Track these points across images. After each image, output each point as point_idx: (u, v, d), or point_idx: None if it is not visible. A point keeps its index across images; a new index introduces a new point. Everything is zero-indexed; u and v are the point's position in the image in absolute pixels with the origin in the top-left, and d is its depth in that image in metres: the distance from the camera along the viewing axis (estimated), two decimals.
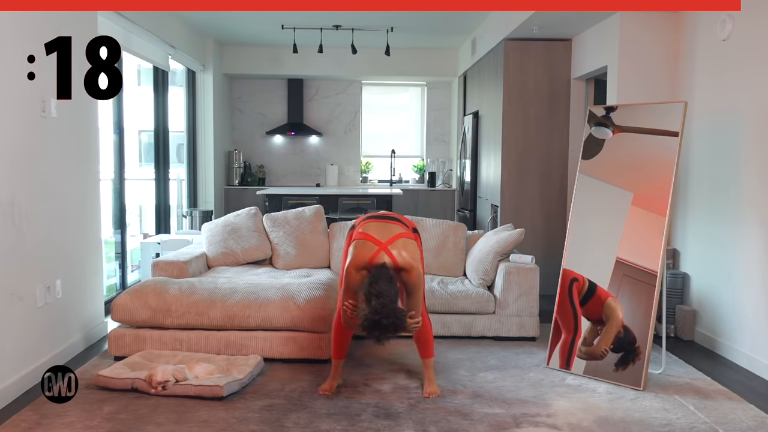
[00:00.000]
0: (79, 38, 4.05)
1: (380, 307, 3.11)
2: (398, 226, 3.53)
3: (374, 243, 3.36)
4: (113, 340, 4.08)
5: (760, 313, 4.05)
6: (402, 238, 3.42)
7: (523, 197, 6.51)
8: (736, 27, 4.34)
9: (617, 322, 3.85)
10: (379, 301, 3.13)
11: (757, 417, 3.33)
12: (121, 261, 6.22)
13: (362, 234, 3.44)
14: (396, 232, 3.43)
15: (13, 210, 3.50)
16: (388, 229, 3.46)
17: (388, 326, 3.12)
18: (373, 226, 3.48)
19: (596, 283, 3.96)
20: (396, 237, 3.40)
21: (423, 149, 10.21)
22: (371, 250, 3.34)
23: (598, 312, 3.94)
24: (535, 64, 6.42)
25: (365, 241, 3.39)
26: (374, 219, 3.57)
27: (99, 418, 3.20)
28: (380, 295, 3.14)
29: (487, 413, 3.33)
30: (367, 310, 3.15)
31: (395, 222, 3.57)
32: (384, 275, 3.23)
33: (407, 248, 3.39)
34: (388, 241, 3.37)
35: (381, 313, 3.10)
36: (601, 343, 3.89)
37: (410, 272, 3.36)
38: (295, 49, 7.90)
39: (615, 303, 3.88)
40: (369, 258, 3.32)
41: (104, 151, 5.32)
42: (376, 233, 3.42)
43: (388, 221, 3.56)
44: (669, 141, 3.91)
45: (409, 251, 3.38)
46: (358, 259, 3.34)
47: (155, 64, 6.80)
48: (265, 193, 7.60)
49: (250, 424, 3.17)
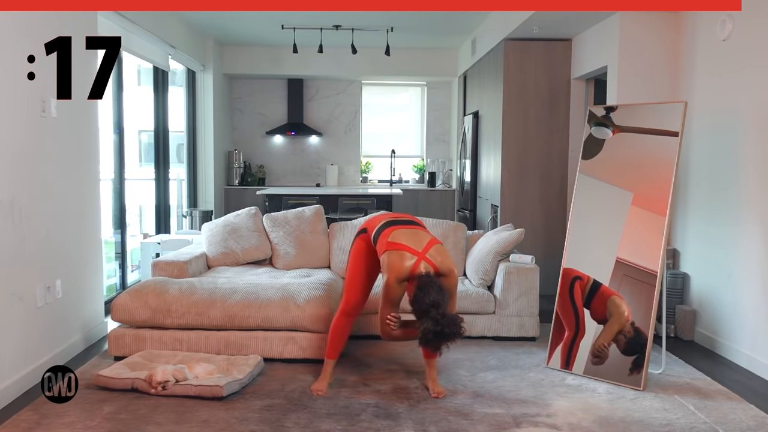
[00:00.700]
0: (79, 38, 4.05)
1: (441, 317, 3.13)
2: (424, 231, 3.53)
3: (412, 253, 3.35)
4: (113, 340, 4.08)
5: (760, 313, 4.06)
6: (435, 244, 3.42)
7: (523, 197, 6.51)
8: (736, 27, 4.34)
9: (621, 319, 3.83)
10: (438, 311, 3.15)
11: (757, 417, 3.33)
12: (121, 261, 6.22)
13: (395, 244, 3.39)
14: (427, 239, 3.44)
15: (13, 210, 3.50)
16: (418, 236, 3.45)
17: (451, 335, 3.16)
18: (403, 234, 3.44)
19: (600, 282, 3.94)
20: (430, 244, 3.40)
21: (423, 149, 10.21)
22: (411, 261, 3.33)
23: (602, 310, 3.92)
24: (535, 64, 6.41)
25: (401, 251, 3.36)
26: (399, 226, 3.52)
27: (99, 418, 3.20)
28: (437, 306, 3.17)
29: (487, 413, 3.33)
30: (427, 323, 3.15)
31: (419, 227, 3.57)
32: (433, 285, 3.23)
33: (442, 253, 3.40)
34: (425, 249, 3.37)
35: (442, 324, 3.12)
36: (600, 338, 3.87)
37: (449, 277, 3.38)
38: (295, 49, 7.90)
39: (620, 300, 3.86)
40: (411, 269, 3.32)
41: (104, 151, 5.32)
42: (408, 242, 3.40)
43: (413, 227, 3.54)
44: (669, 141, 3.91)
45: (444, 256, 3.40)
46: (400, 271, 3.32)
47: (155, 64, 6.81)
48: (265, 193, 7.60)
49: (250, 424, 3.17)
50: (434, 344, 3.20)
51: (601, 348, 3.84)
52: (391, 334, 3.44)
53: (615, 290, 3.91)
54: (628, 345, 3.79)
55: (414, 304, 3.24)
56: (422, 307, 3.19)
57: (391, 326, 3.38)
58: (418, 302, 3.21)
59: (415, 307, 3.23)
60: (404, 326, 3.41)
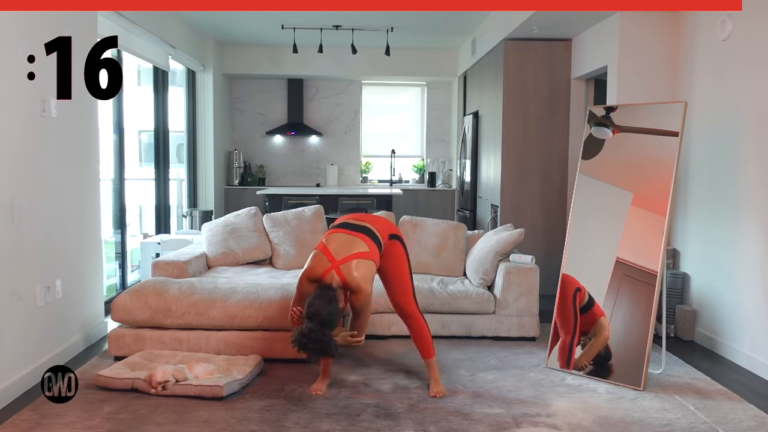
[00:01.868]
0: (79, 38, 4.05)
1: (308, 332, 3.20)
2: (363, 242, 3.46)
3: (328, 259, 3.38)
4: (113, 340, 4.08)
5: (760, 313, 4.05)
6: (357, 258, 3.38)
7: (523, 197, 6.51)
8: (736, 27, 4.34)
9: (602, 340, 3.89)
10: (309, 325, 3.22)
11: (757, 417, 3.33)
12: (121, 261, 6.22)
13: (322, 245, 3.45)
14: (355, 251, 3.40)
15: (13, 210, 3.50)
16: (350, 245, 3.43)
17: (313, 350, 3.23)
18: (336, 239, 3.46)
19: (594, 299, 3.98)
20: (352, 257, 3.38)
21: (423, 149, 10.21)
22: (324, 266, 3.37)
23: (589, 326, 3.97)
24: (535, 64, 6.41)
25: (322, 254, 3.41)
26: (343, 230, 3.54)
27: (99, 418, 3.20)
28: (313, 318, 3.22)
29: (487, 413, 3.33)
30: (296, 331, 3.25)
31: (363, 236, 3.50)
32: (325, 296, 3.28)
33: (360, 269, 3.37)
34: (343, 260, 3.36)
35: (308, 337, 3.20)
36: (583, 358, 3.94)
37: (357, 294, 3.38)
38: (295, 49, 7.90)
39: (605, 322, 3.91)
40: (321, 273, 3.36)
41: (104, 151, 5.32)
42: (335, 247, 3.41)
43: (355, 233, 3.50)
44: (669, 141, 3.91)
45: (361, 273, 3.36)
46: (311, 271, 3.39)
47: (155, 64, 6.80)
48: (265, 193, 7.60)
49: (250, 424, 3.17)
50: (298, 348, 3.25)
51: (583, 366, 3.92)
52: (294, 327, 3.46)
53: (615, 291, 3.91)
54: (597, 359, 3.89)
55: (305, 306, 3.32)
56: (306, 312, 3.27)
57: (295, 318, 3.45)
58: (306, 306, 3.29)
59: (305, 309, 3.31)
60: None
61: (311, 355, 3.27)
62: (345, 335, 3.40)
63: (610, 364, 3.82)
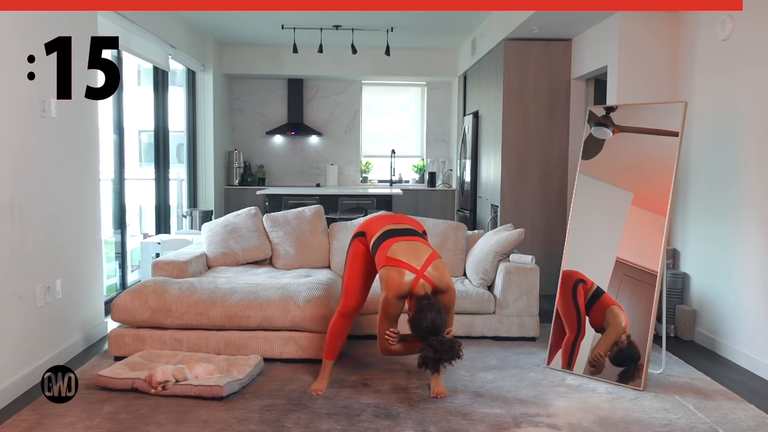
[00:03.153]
0: (79, 38, 4.05)
1: (439, 345, 3.19)
2: (422, 243, 3.50)
3: (410, 270, 3.33)
4: (113, 340, 4.08)
5: (760, 313, 4.05)
6: (434, 260, 3.40)
7: (523, 197, 6.51)
8: (736, 27, 4.34)
9: (618, 330, 3.82)
10: (436, 338, 3.20)
11: (757, 417, 3.33)
12: (121, 261, 6.22)
13: (394, 261, 3.37)
14: (427, 254, 3.41)
15: (13, 210, 3.50)
16: (417, 251, 3.42)
17: (449, 360, 3.24)
18: (402, 249, 3.41)
19: (604, 290, 3.93)
20: (429, 260, 3.38)
21: (423, 149, 10.21)
22: (410, 279, 3.32)
23: (601, 319, 3.91)
24: (535, 64, 6.42)
25: (399, 269, 3.34)
26: (399, 238, 3.48)
27: (99, 418, 3.20)
28: (435, 330, 3.21)
29: (487, 413, 3.33)
30: (427, 351, 3.21)
31: (417, 238, 3.53)
32: (431, 308, 3.25)
33: (439, 269, 3.39)
34: (423, 266, 3.35)
35: (441, 351, 3.19)
36: (597, 348, 3.87)
37: (447, 292, 3.38)
38: (295, 49, 7.90)
39: (618, 310, 3.85)
40: (409, 287, 3.32)
41: (104, 151, 5.32)
42: (407, 258, 3.37)
43: (411, 238, 3.50)
44: (669, 141, 3.91)
45: (442, 272, 3.38)
46: (399, 288, 3.32)
47: (155, 64, 6.80)
48: (265, 193, 7.60)
49: (250, 424, 3.17)
50: (433, 368, 3.27)
51: (598, 357, 3.85)
52: (390, 350, 3.47)
53: (615, 290, 3.91)
54: (619, 355, 3.80)
55: (412, 326, 3.28)
56: (420, 330, 3.24)
57: (390, 341, 3.40)
58: (417, 324, 3.25)
59: (413, 329, 3.28)
60: (403, 341, 3.45)
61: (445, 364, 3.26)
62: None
63: (640, 365, 3.70)
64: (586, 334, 3.95)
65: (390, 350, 3.47)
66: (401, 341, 3.44)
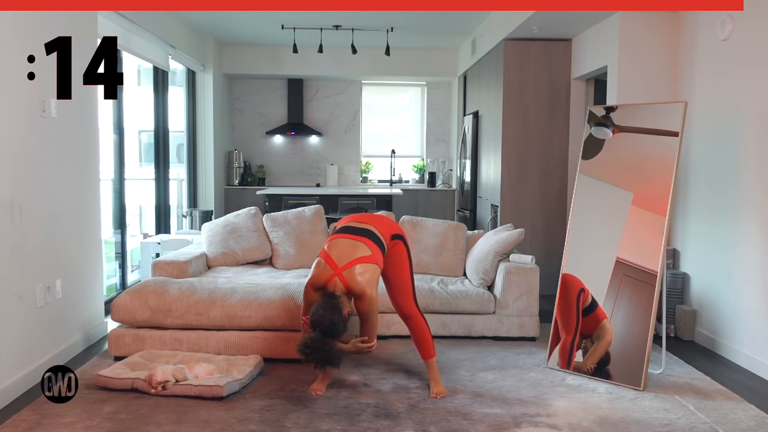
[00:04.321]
0: (79, 38, 4.05)
1: (311, 341, 3.22)
2: (366, 246, 3.44)
3: (331, 266, 3.36)
4: (113, 340, 4.08)
5: (760, 313, 4.05)
6: (361, 263, 3.36)
7: (523, 197, 6.51)
8: (737, 27, 4.34)
9: (606, 344, 3.87)
10: (312, 334, 3.24)
11: (757, 417, 3.33)
12: (121, 261, 6.22)
13: (324, 253, 3.43)
14: (357, 255, 3.38)
15: (13, 210, 3.50)
16: (352, 250, 3.40)
17: (316, 360, 3.25)
18: (338, 245, 3.44)
19: (597, 302, 3.96)
20: (354, 262, 3.36)
21: (423, 149, 10.21)
22: (327, 273, 3.36)
23: (592, 329, 3.96)
24: (535, 64, 6.41)
25: (324, 261, 3.39)
26: (345, 235, 3.51)
27: (99, 418, 3.20)
28: (316, 327, 3.24)
29: (487, 413, 3.33)
30: (301, 341, 3.26)
31: (365, 239, 3.47)
32: (328, 305, 3.28)
33: (363, 274, 3.35)
34: (345, 266, 3.34)
35: (311, 347, 3.22)
36: (587, 360, 3.92)
37: (361, 299, 3.37)
38: (295, 49, 7.90)
39: (608, 325, 3.89)
40: (325, 281, 3.36)
41: (104, 151, 5.32)
42: (337, 254, 3.39)
43: (357, 237, 3.47)
44: (669, 141, 3.91)
45: (365, 277, 3.35)
46: (315, 279, 3.39)
47: (155, 64, 6.80)
48: (265, 193, 7.60)
49: (250, 424, 3.17)
50: (303, 359, 3.27)
51: (587, 370, 3.90)
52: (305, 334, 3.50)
53: (615, 290, 3.91)
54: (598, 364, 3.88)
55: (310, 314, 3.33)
56: (310, 321, 3.29)
57: (305, 328, 3.43)
58: (311, 314, 3.30)
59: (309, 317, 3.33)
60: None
61: (315, 364, 3.28)
62: (355, 342, 3.41)
63: (608, 369, 3.82)
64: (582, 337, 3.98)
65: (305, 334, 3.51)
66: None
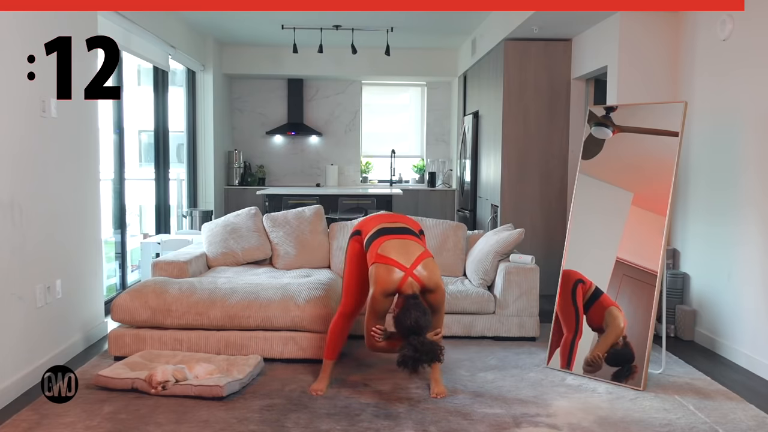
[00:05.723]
0: (79, 38, 4.05)
1: (420, 345, 3.17)
2: (415, 242, 3.48)
3: (399, 268, 3.32)
4: (113, 340, 4.08)
5: (760, 313, 4.05)
6: (425, 258, 3.39)
7: (523, 197, 6.51)
8: (737, 27, 4.34)
9: (617, 331, 3.83)
10: (417, 339, 3.18)
11: (757, 417, 3.33)
12: (121, 261, 6.22)
13: (383, 258, 3.36)
14: (418, 253, 3.40)
15: (13, 210, 3.50)
16: (408, 249, 3.41)
17: (429, 361, 3.21)
18: (392, 247, 3.40)
19: (602, 290, 3.94)
20: (419, 258, 3.37)
21: (423, 149, 10.21)
22: (398, 277, 3.31)
23: (599, 320, 3.92)
24: (535, 64, 6.41)
25: (388, 266, 3.33)
26: (391, 236, 3.47)
27: (99, 418, 3.20)
28: (418, 329, 3.19)
29: (487, 413, 3.33)
30: (406, 349, 3.19)
31: (410, 236, 3.51)
32: (417, 307, 3.24)
33: (430, 268, 3.37)
34: (413, 265, 3.34)
35: (421, 351, 3.16)
36: (596, 349, 3.88)
37: (436, 292, 3.37)
38: (295, 49, 7.90)
39: (617, 312, 3.85)
40: (397, 285, 3.32)
41: (104, 151, 5.32)
42: (397, 255, 3.36)
43: (403, 236, 3.48)
44: (669, 141, 3.91)
45: (432, 271, 3.37)
46: (386, 285, 3.32)
47: (155, 64, 6.80)
48: (265, 193, 7.60)
49: (250, 424, 3.17)
50: (411, 368, 3.23)
51: (596, 358, 3.86)
52: (376, 346, 3.48)
53: (615, 290, 3.91)
54: (614, 356, 3.81)
55: (396, 323, 3.29)
56: (403, 328, 3.24)
57: (376, 338, 3.41)
58: (400, 322, 3.25)
59: (397, 327, 3.28)
60: (389, 338, 3.44)
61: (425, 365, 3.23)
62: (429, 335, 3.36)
63: (634, 366, 3.71)
64: (584, 334, 3.95)
65: (376, 346, 3.48)
66: (387, 338, 3.43)
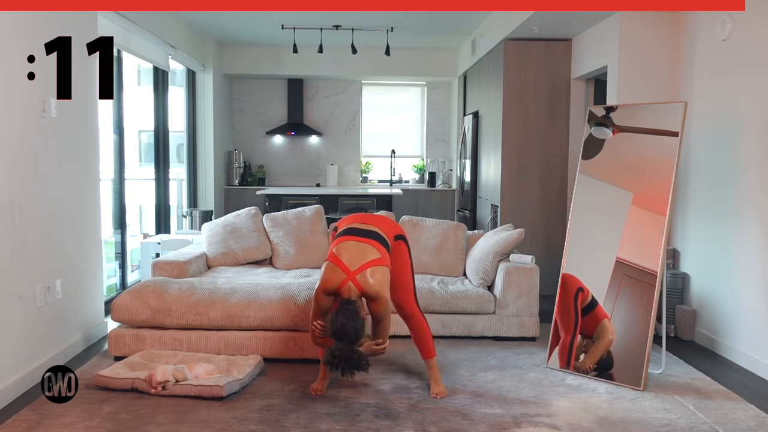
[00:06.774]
0: (79, 38, 4.04)
1: (338, 351, 3.18)
2: (374, 248, 3.41)
3: (343, 270, 3.32)
4: (113, 340, 4.08)
5: (760, 313, 4.05)
6: (372, 266, 3.34)
7: (523, 197, 6.51)
8: (737, 27, 4.34)
9: (606, 343, 3.87)
10: (338, 346, 3.20)
11: (757, 417, 3.33)
12: (121, 261, 6.22)
13: (333, 256, 3.38)
14: (369, 258, 3.35)
15: (13, 210, 3.50)
16: (362, 253, 3.37)
17: (346, 368, 3.22)
18: (347, 248, 3.40)
19: (597, 301, 3.96)
20: (368, 265, 3.34)
21: (423, 149, 10.21)
22: (340, 278, 3.32)
23: (591, 328, 3.95)
24: (535, 64, 6.41)
25: (335, 266, 3.35)
26: (351, 237, 3.46)
27: (99, 418, 3.20)
28: (341, 336, 3.21)
29: (487, 413, 3.33)
30: (326, 354, 3.23)
31: (372, 241, 3.44)
32: (349, 312, 3.25)
33: (376, 276, 3.33)
34: (357, 270, 3.32)
35: (339, 357, 3.19)
36: (587, 360, 3.92)
37: (377, 302, 3.34)
38: (295, 49, 7.90)
39: (609, 324, 3.89)
40: (337, 286, 3.33)
41: (104, 151, 5.32)
42: (347, 257, 3.35)
43: (365, 240, 3.44)
44: (669, 141, 3.91)
45: (377, 280, 3.33)
46: (327, 284, 3.35)
47: (155, 64, 6.80)
48: (265, 193, 7.60)
49: (250, 424, 3.17)
50: (331, 370, 3.26)
51: (586, 369, 3.90)
52: (317, 341, 3.49)
53: (615, 290, 3.91)
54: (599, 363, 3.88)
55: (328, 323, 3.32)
56: (331, 330, 3.26)
57: (317, 333, 3.42)
58: (330, 324, 3.28)
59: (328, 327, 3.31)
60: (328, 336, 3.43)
61: (345, 373, 3.24)
62: (369, 344, 3.38)
63: (611, 373, 3.80)
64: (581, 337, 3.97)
65: (317, 341, 3.49)
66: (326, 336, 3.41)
